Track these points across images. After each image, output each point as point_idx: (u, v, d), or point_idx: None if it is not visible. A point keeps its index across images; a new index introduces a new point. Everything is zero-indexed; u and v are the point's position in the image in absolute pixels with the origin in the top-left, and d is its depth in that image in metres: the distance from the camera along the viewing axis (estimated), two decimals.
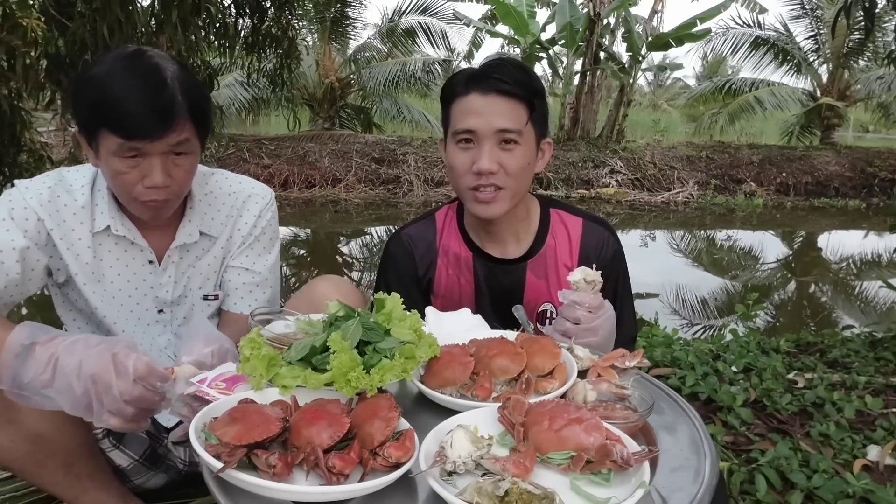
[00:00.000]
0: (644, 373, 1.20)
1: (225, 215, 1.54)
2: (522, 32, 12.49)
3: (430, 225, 1.65)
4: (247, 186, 1.58)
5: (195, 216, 1.49)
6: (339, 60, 14.75)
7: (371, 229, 9.31)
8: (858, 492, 1.74)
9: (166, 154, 1.28)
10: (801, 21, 15.08)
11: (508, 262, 1.58)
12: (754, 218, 10.72)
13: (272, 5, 5.22)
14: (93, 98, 1.24)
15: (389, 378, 0.98)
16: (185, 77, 1.30)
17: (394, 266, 1.64)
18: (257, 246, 1.57)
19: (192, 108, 1.28)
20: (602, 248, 1.59)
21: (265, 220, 1.58)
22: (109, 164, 1.27)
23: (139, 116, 1.22)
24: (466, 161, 1.44)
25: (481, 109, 1.41)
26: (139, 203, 1.33)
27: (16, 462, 1.27)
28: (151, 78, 1.25)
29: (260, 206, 1.57)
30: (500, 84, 1.41)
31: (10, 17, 3.03)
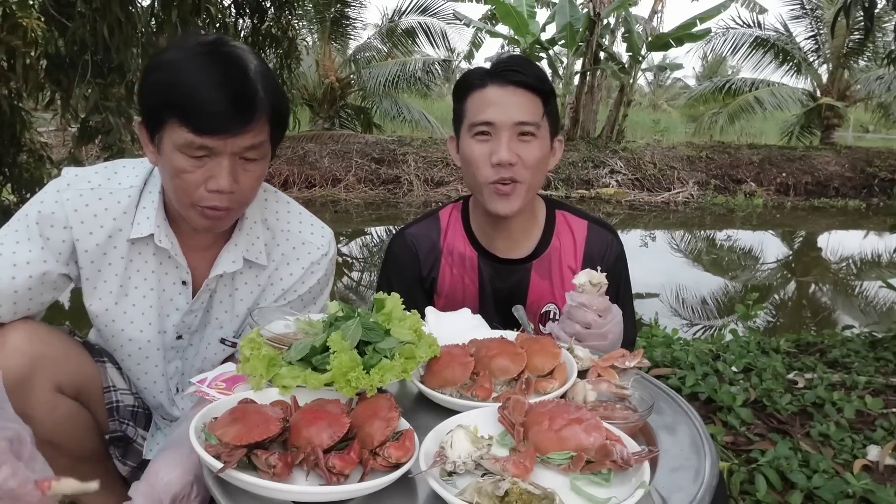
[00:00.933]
0: (644, 373, 1.20)
1: (269, 251, 1.35)
2: (522, 32, 12.48)
3: (434, 224, 1.64)
4: (305, 229, 1.38)
5: (242, 240, 1.31)
6: (339, 60, 14.75)
7: (371, 229, 9.31)
8: (858, 492, 1.74)
9: (236, 156, 1.14)
10: (801, 21, 15.08)
11: (513, 263, 1.58)
12: (754, 218, 10.71)
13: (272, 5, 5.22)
14: (165, 83, 1.11)
15: (389, 378, 0.98)
16: (267, 72, 1.17)
17: (397, 266, 1.63)
18: (298, 304, 1.38)
19: (273, 106, 1.15)
20: (606, 252, 1.59)
21: (314, 279, 1.38)
22: (172, 160, 1.13)
23: (216, 109, 1.08)
24: (485, 153, 1.43)
25: (500, 101, 1.41)
26: (197, 210, 1.18)
27: None
28: (234, 68, 1.11)
29: (313, 257, 1.37)
30: (518, 76, 1.41)
31: (10, 17, 3.03)
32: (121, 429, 1.37)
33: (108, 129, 3.66)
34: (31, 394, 1.16)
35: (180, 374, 1.43)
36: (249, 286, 1.37)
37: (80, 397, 1.29)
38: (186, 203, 1.18)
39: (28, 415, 1.15)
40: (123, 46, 3.59)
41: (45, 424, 1.17)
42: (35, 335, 1.19)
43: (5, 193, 4.37)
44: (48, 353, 1.20)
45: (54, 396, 1.21)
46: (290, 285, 1.37)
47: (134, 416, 1.42)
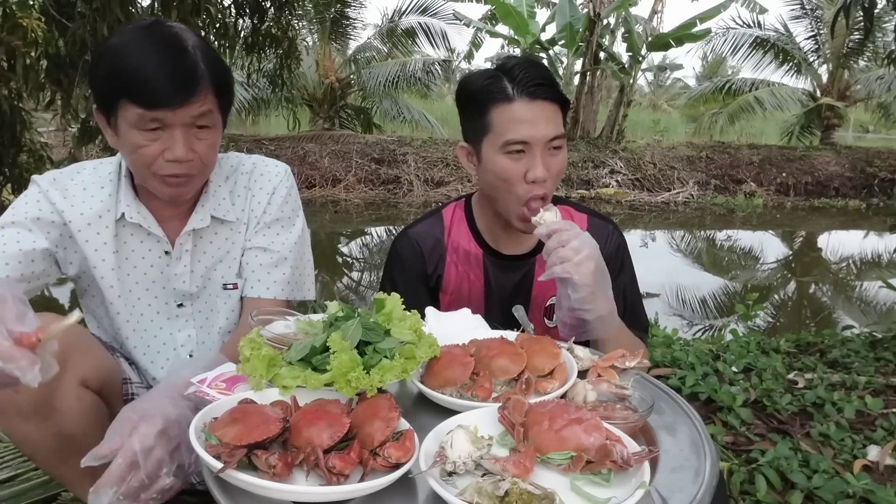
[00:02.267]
0: (644, 373, 1.20)
1: (237, 196, 1.48)
2: (522, 33, 12.48)
3: (438, 223, 1.64)
4: (259, 164, 1.52)
5: (209, 201, 1.43)
6: (339, 61, 14.76)
7: (371, 229, 9.31)
8: (858, 492, 1.74)
9: (188, 126, 1.23)
10: (801, 21, 15.09)
11: (518, 258, 1.59)
12: (754, 218, 10.72)
13: (272, 5, 5.22)
14: (111, 68, 1.20)
15: (389, 378, 0.98)
16: (205, 47, 1.26)
17: (401, 265, 1.63)
18: (275, 225, 1.50)
19: (214, 77, 1.24)
20: (606, 241, 1.60)
21: (280, 197, 1.50)
22: (129, 138, 1.23)
23: (160, 84, 1.17)
24: (518, 171, 1.41)
25: (531, 118, 1.39)
26: (160, 179, 1.27)
27: (40, 454, 1.27)
28: (172, 46, 1.21)
29: (273, 182, 1.50)
30: (545, 90, 1.40)
31: (10, 17, 3.03)
32: None
33: None
34: (59, 385, 1.18)
35: (195, 342, 1.50)
36: (227, 237, 1.47)
37: (101, 392, 1.31)
38: (148, 175, 1.28)
39: (54, 406, 1.18)
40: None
41: (69, 416, 1.20)
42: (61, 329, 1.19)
43: (5, 193, 4.38)
44: (76, 346, 1.23)
45: (80, 389, 1.23)
46: (262, 210, 1.48)
47: None
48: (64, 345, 1.13)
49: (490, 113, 1.42)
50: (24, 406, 1.15)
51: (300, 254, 1.54)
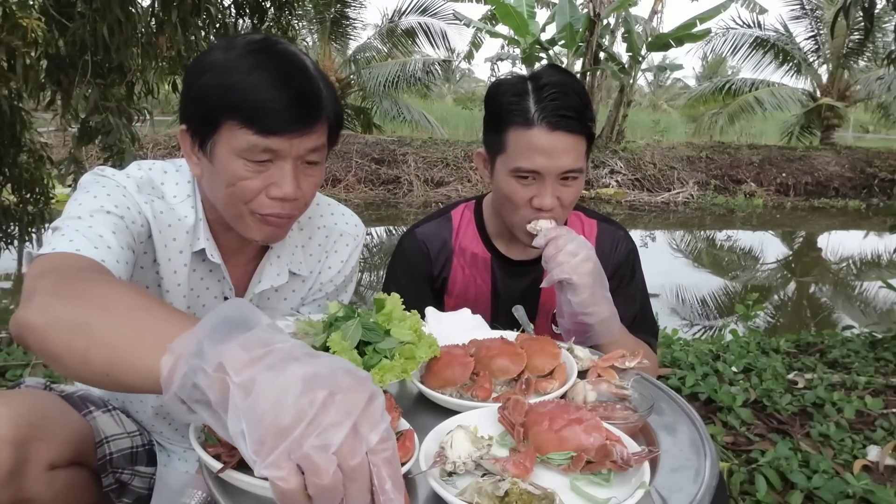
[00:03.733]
0: (644, 373, 1.20)
1: (310, 254, 1.31)
2: (522, 33, 12.48)
3: (446, 224, 1.62)
4: (339, 220, 1.35)
5: (284, 251, 1.26)
6: (339, 61, 14.77)
7: (371, 229, 9.32)
8: (858, 492, 1.74)
9: (299, 160, 1.08)
10: (800, 21, 15.11)
11: (526, 264, 1.58)
12: (754, 218, 10.72)
13: (272, 5, 5.21)
14: (219, 85, 1.02)
15: (389, 378, 0.98)
16: (323, 73, 1.11)
17: (407, 264, 1.61)
18: (333, 293, 1.36)
19: (333, 106, 1.09)
20: (616, 248, 1.59)
21: (349, 267, 1.36)
22: (230, 167, 1.05)
23: (281, 107, 1.01)
24: (525, 196, 1.38)
25: (547, 149, 1.32)
26: (257, 218, 1.10)
27: None
28: (294, 66, 1.05)
29: (350, 248, 1.35)
30: (567, 122, 1.32)
31: (10, 17, 3.03)
32: (115, 479, 1.27)
33: (109, 129, 3.66)
34: (25, 480, 1.04)
35: None
36: (291, 297, 1.33)
37: (75, 461, 1.17)
38: (242, 213, 1.10)
39: (24, 498, 1.04)
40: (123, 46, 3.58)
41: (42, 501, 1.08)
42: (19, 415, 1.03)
43: (5, 193, 4.37)
44: (36, 434, 1.06)
45: (49, 474, 1.09)
46: (330, 278, 1.35)
47: (132, 459, 1.32)
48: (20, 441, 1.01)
49: (507, 133, 1.36)
50: None
51: None
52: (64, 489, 1.14)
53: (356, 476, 0.59)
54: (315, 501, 0.58)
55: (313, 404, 0.57)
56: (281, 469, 0.56)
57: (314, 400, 0.57)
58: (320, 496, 0.58)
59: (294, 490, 0.57)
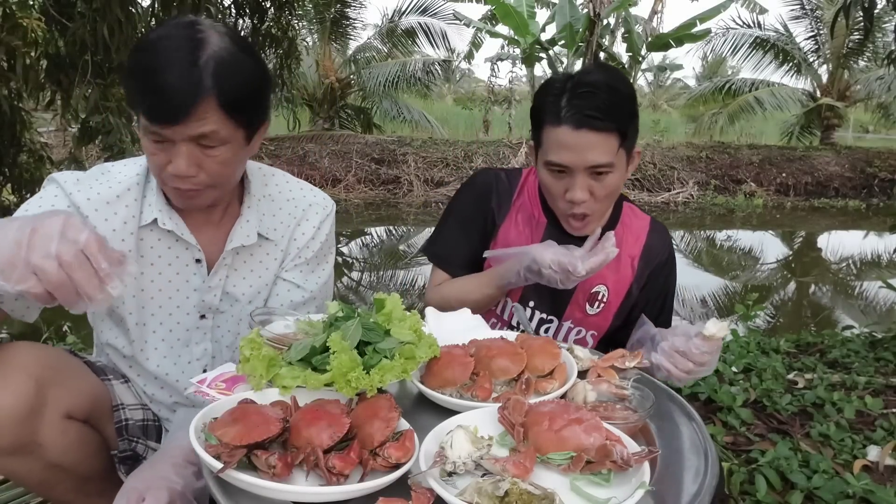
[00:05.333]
0: (644, 373, 1.20)
1: (280, 222, 1.41)
2: (522, 33, 12.47)
3: (516, 177, 1.68)
4: (308, 194, 1.47)
5: (253, 216, 1.36)
6: (339, 61, 14.76)
7: (371, 229, 9.31)
8: (858, 492, 1.74)
9: (192, 142, 1.13)
10: (800, 21, 15.08)
11: (578, 239, 1.56)
12: (754, 218, 10.72)
13: (272, 5, 5.22)
14: (133, 66, 1.13)
15: (389, 378, 0.98)
16: (228, 58, 1.12)
17: (474, 192, 1.67)
18: (312, 261, 1.45)
19: (222, 95, 1.10)
20: (662, 249, 1.65)
21: (324, 234, 1.46)
22: (144, 143, 1.16)
23: (157, 98, 1.08)
24: (560, 188, 1.46)
25: (573, 145, 1.39)
26: (170, 188, 1.21)
27: (31, 486, 1.25)
28: (184, 54, 1.08)
29: (320, 216, 1.46)
30: (591, 121, 1.37)
31: (10, 17, 3.03)
32: (130, 447, 1.35)
33: (109, 129, 3.66)
34: (41, 422, 1.13)
35: (210, 357, 1.43)
36: (266, 260, 1.41)
37: (89, 420, 1.27)
38: (161, 182, 1.23)
39: (37, 442, 1.13)
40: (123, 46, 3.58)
41: (54, 451, 1.16)
42: (43, 361, 1.16)
43: (5, 193, 4.37)
44: (57, 380, 1.17)
45: (64, 423, 1.18)
46: (305, 243, 1.44)
47: (144, 431, 1.40)
48: (42, 382, 1.12)
49: (542, 129, 1.46)
50: (6, 446, 1.10)
51: (327, 294, 1.50)
52: (76, 443, 1.21)
53: (76, 266, 0.86)
54: (56, 295, 0.87)
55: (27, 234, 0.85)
56: (26, 281, 0.85)
57: (26, 232, 0.86)
58: (56, 290, 0.87)
59: (42, 293, 0.86)
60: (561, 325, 1.62)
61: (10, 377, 1.09)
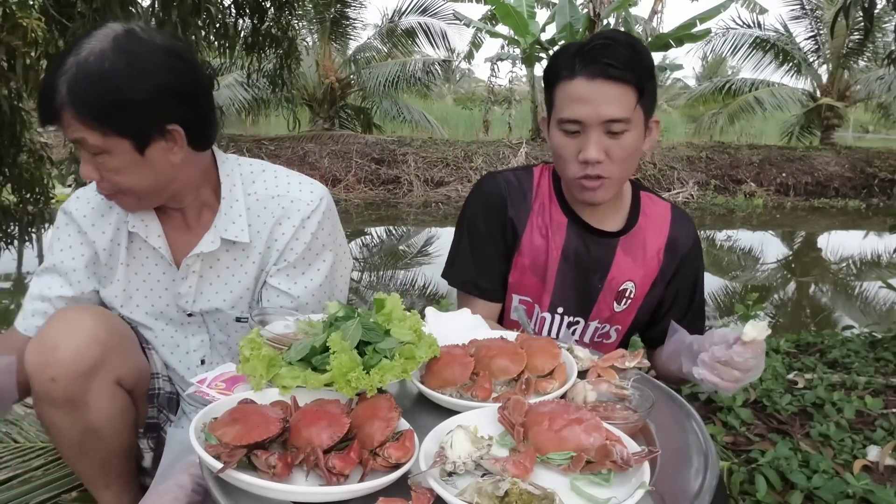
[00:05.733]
0: (644, 373, 1.20)
1: (263, 222, 1.35)
2: (522, 33, 12.48)
3: (528, 176, 1.57)
4: (293, 189, 1.37)
5: (221, 221, 1.33)
6: (339, 61, 14.75)
7: (371, 229, 9.31)
8: (858, 492, 1.74)
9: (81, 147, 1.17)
10: (800, 21, 15.09)
11: (603, 235, 1.53)
12: (754, 218, 10.72)
13: (272, 5, 5.21)
14: None
15: (389, 378, 0.98)
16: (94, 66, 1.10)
17: (485, 204, 1.54)
18: (300, 264, 1.37)
19: (77, 104, 1.10)
20: (687, 238, 1.58)
21: (308, 233, 1.36)
22: None
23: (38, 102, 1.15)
24: (572, 149, 1.37)
25: (588, 96, 1.32)
26: None
27: (63, 444, 1.29)
28: (59, 60, 1.12)
29: (302, 213, 1.35)
30: (608, 69, 1.30)
31: (10, 17, 3.03)
32: (156, 416, 1.42)
33: None
34: (95, 382, 1.20)
35: (207, 347, 1.46)
36: (234, 266, 1.38)
37: (133, 392, 1.33)
38: None
39: (86, 400, 1.20)
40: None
41: (98, 412, 1.23)
42: (108, 324, 1.25)
43: (5, 193, 4.37)
44: (117, 346, 1.25)
45: (114, 388, 1.25)
46: (286, 244, 1.36)
47: (169, 404, 1.46)
48: (106, 346, 1.21)
49: (555, 88, 1.38)
50: (57, 396, 1.18)
51: (327, 294, 1.42)
52: (119, 410, 1.28)
53: None
54: None
55: None
56: None
57: None
58: None
59: None
60: (588, 324, 1.58)
61: (77, 334, 1.18)
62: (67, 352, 1.16)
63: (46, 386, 1.17)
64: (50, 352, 1.16)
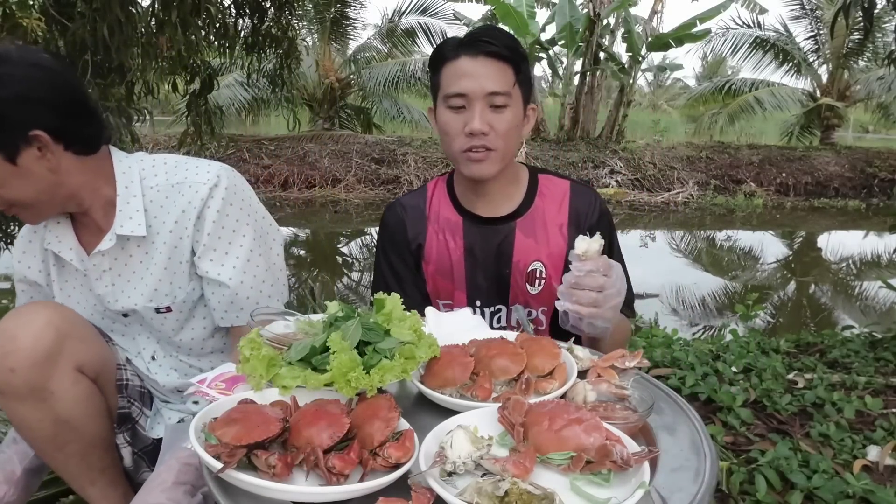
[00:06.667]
0: (644, 373, 1.20)
1: (167, 212, 1.36)
2: (522, 33, 12.48)
3: (422, 193, 1.69)
4: (190, 173, 1.37)
5: (117, 219, 1.35)
6: (339, 61, 14.76)
7: (371, 229, 9.31)
8: (858, 492, 1.74)
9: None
10: (800, 21, 15.10)
11: (497, 222, 1.60)
12: (754, 218, 10.72)
13: (272, 5, 5.21)
14: None
15: (389, 378, 0.98)
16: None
17: (388, 234, 1.67)
18: (219, 245, 1.36)
19: None
20: (590, 208, 1.61)
21: (214, 212, 1.34)
22: None
23: None
24: (458, 124, 1.47)
25: (472, 72, 1.44)
26: None
27: (38, 441, 1.31)
28: None
29: (201, 194, 1.34)
30: (488, 46, 1.44)
31: (10, 17, 3.03)
32: (127, 406, 1.44)
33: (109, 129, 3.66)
34: (55, 370, 1.23)
35: (155, 344, 1.50)
36: (147, 255, 1.38)
37: (98, 380, 1.35)
38: None
39: (49, 390, 1.23)
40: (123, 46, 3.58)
41: (64, 401, 1.25)
42: (63, 314, 1.29)
43: None
44: (74, 333, 1.27)
45: (75, 374, 1.27)
46: (194, 228, 1.35)
47: (141, 397, 1.49)
48: (61, 332, 1.24)
49: (441, 70, 1.50)
50: (20, 387, 1.20)
51: (259, 272, 1.41)
52: (84, 397, 1.30)
53: None
54: None
55: None
56: None
57: None
58: None
59: None
60: (510, 309, 1.62)
61: (33, 323, 1.22)
62: (25, 340, 1.19)
63: (7, 377, 1.20)
64: (9, 342, 1.20)
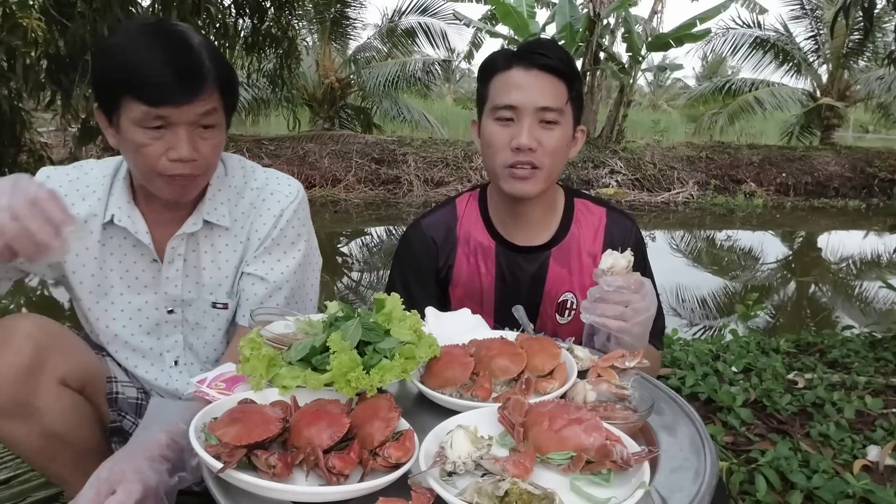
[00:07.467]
0: (644, 373, 1.20)
1: (241, 212, 1.42)
2: (522, 33, 12.47)
3: (451, 212, 1.61)
4: (272, 182, 1.46)
5: (205, 206, 1.38)
6: (339, 61, 14.75)
7: (371, 229, 9.31)
8: (858, 492, 1.74)
9: (193, 125, 1.21)
10: (800, 21, 15.08)
11: (532, 251, 1.55)
12: (754, 218, 10.71)
13: (272, 5, 5.22)
14: (115, 63, 1.19)
15: (389, 378, 0.98)
16: (211, 45, 1.26)
17: (412, 257, 1.59)
18: (276, 250, 1.43)
19: (220, 75, 1.22)
20: (626, 237, 1.58)
21: (285, 220, 1.43)
22: (132, 136, 1.20)
23: (166, 80, 1.16)
24: (505, 137, 1.42)
25: (524, 84, 1.40)
26: (164, 179, 1.25)
27: (27, 455, 1.28)
28: (178, 42, 1.19)
29: (282, 204, 1.43)
30: (543, 59, 1.40)
31: (10, 17, 3.03)
32: (118, 420, 1.41)
33: None
34: (38, 384, 1.20)
35: (181, 348, 1.47)
36: (224, 248, 1.42)
37: (84, 391, 1.32)
38: (151, 175, 1.26)
39: (33, 405, 1.19)
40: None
41: (49, 415, 1.22)
42: (43, 327, 1.24)
43: None
44: (55, 346, 1.24)
45: (59, 388, 1.24)
46: (266, 233, 1.43)
47: (136, 409, 1.45)
48: (41, 346, 1.20)
49: (490, 81, 1.45)
50: (4, 404, 1.17)
51: (299, 282, 1.48)
52: (70, 410, 1.27)
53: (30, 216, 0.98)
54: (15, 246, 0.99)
55: None
56: None
57: None
58: (14, 241, 0.99)
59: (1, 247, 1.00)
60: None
61: (13, 339, 1.18)
62: (5, 357, 1.16)
63: None
64: None
